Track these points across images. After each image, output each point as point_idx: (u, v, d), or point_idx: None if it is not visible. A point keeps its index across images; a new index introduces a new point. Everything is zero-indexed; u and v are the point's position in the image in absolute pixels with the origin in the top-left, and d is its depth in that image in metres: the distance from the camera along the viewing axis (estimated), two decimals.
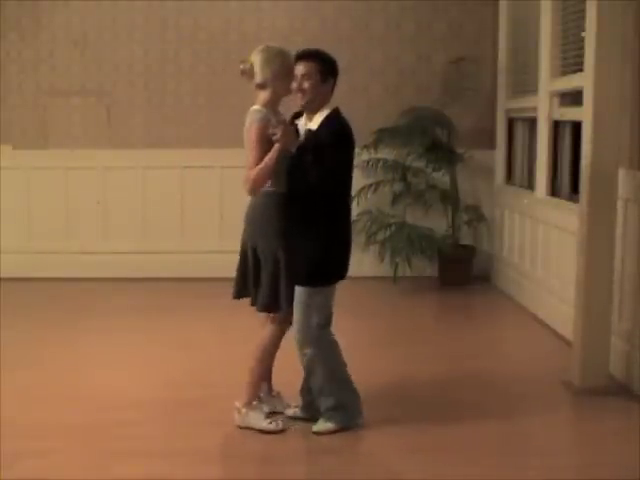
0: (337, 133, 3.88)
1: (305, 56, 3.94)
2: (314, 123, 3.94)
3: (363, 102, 7.48)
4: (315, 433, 4.00)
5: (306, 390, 4.13)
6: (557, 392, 4.63)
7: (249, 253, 3.99)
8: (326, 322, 3.99)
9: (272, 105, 3.96)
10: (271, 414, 4.08)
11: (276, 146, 3.81)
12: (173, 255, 7.71)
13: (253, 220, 3.97)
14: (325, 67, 3.94)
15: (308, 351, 3.95)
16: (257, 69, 3.92)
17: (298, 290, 3.92)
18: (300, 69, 3.91)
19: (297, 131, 3.96)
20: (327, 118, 3.92)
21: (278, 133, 3.80)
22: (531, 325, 6.10)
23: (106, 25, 7.63)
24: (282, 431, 4.00)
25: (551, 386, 4.72)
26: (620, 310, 4.74)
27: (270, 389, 4.21)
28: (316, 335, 3.94)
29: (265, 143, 3.83)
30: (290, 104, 4.07)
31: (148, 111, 7.70)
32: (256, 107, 3.94)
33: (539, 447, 3.89)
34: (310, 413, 4.11)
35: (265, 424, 3.99)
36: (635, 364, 4.54)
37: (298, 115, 4.10)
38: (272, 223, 3.90)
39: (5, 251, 7.59)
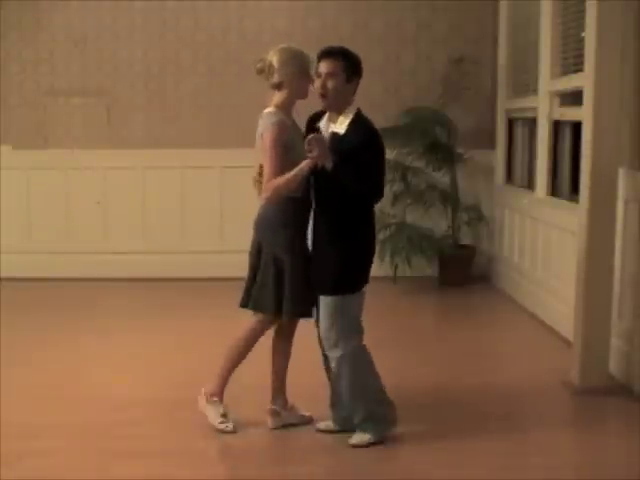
0: (369, 140, 3.71)
1: (330, 54, 3.75)
2: (339, 126, 3.76)
3: (363, 102, 7.38)
4: (352, 446, 3.83)
5: (337, 405, 3.96)
6: (557, 392, 4.64)
7: (253, 253, 3.97)
8: (355, 330, 3.84)
9: (287, 107, 3.86)
10: (225, 415, 4.05)
11: (308, 161, 3.64)
12: (173, 255, 7.70)
13: (265, 222, 3.91)
14: (350, 66, 3.76)
15: (335, 360, 3.80)
16: (275, 68, 3.81)
17: (326, 300, 3.76)
18: (324, 67, 3.72)
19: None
20: (353, 124, 3.73)
21: (315, 151, 3.58)
22: (531, 325, 6.10)
23: (106, 25, 7.63)
24: (232, 432, 3.99)
25: (551, 386, 4.72)
26: (620, 310, 4.74)
27: (285, 402, 4.13)
28: (344, 344, 3.78)
29: (281, 147, 3.73)
30: (302, 106, 3.99)
31: (148, 111, 7.70)
32: (270, 110, 3.85)
33: (539, 447, 3.89)
34: (345, 426, 3.94)
35: (217, 423, 4.02)
36: (635, 364, 4.53)
37: (316, 117, 3.92)
38: (285, 228, 3.84)
39: (5, 251, 7.58)
